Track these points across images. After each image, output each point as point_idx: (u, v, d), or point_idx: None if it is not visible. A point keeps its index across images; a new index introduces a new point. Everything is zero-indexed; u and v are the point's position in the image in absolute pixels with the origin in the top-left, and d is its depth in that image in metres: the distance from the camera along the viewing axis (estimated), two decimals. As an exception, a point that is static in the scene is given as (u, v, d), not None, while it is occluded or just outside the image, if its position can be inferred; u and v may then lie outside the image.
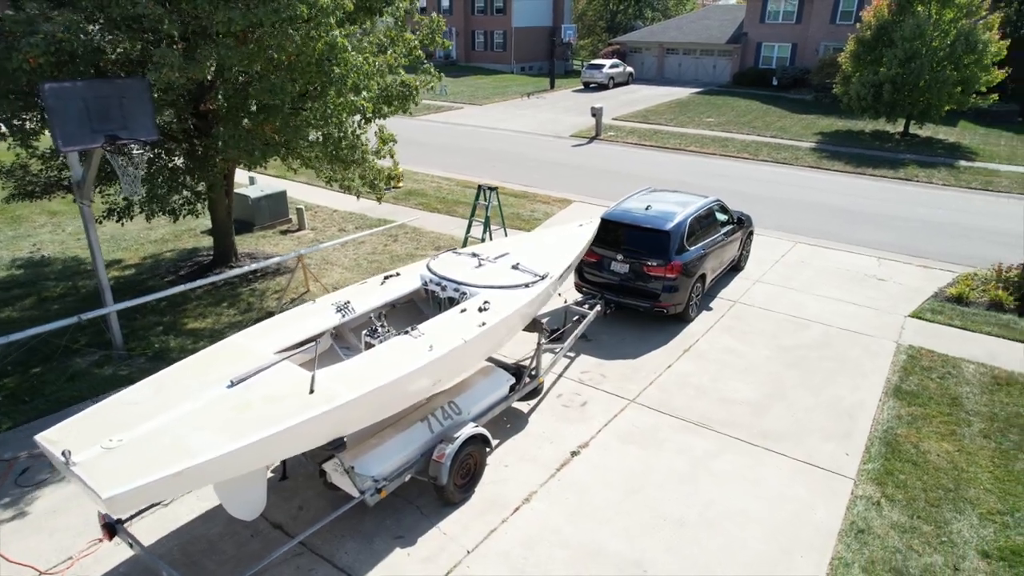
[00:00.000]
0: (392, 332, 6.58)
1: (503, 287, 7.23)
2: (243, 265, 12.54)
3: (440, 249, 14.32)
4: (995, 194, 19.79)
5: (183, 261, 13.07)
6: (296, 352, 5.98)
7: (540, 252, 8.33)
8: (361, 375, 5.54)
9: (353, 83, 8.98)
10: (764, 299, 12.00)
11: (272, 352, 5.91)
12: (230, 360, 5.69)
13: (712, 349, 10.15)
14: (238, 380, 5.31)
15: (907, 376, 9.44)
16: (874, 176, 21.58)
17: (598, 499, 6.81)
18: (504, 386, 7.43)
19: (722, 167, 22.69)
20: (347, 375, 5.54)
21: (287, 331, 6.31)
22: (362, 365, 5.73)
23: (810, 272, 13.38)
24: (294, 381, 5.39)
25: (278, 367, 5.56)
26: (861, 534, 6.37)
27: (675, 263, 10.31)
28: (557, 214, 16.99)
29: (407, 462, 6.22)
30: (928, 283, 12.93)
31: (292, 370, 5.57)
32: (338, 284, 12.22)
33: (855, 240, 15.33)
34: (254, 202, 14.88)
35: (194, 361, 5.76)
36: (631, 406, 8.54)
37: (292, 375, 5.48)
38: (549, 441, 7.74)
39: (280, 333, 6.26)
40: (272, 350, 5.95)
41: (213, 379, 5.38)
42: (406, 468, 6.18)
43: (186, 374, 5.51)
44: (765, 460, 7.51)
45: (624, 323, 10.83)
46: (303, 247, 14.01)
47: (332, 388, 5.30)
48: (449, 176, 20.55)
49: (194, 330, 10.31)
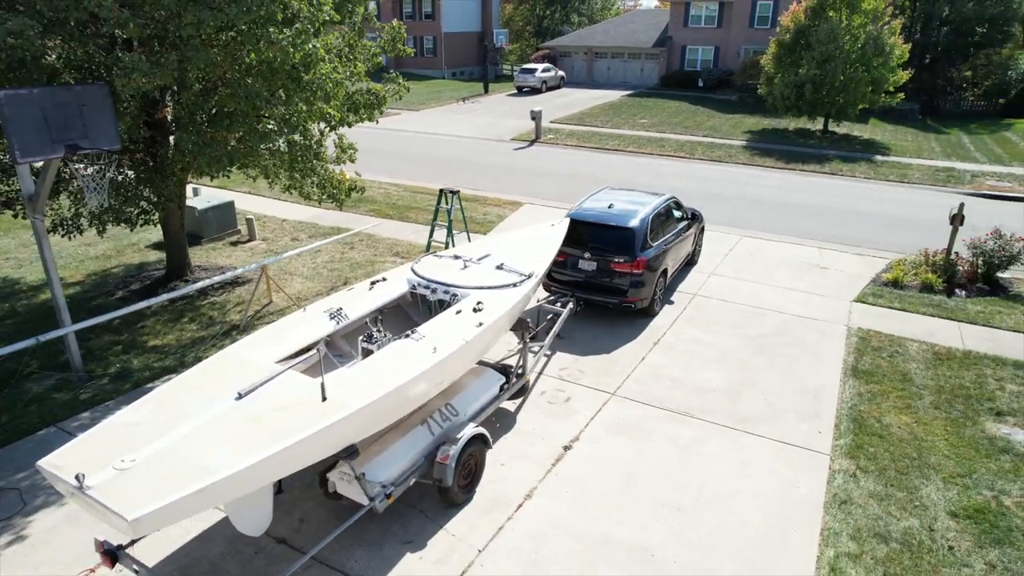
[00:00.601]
0: (389, 337, 6.54)
1: (493, 287, 7.30)
2: (201, 278, 12.11)
3: (399, 255, 14.23)
4: (910, 186, 21.25)
5: (132, 276, 12.48)
6: (296, 361, 5.87)
7: (520, 252, 8.44)
8: (369, 380, 5.50)
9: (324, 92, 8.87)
10: (721, 291, 12.50)
11: (272, 362, 5.79)
12: (230, 373, 5.53)
13: (680, 341, 10.52)
14: (246, 392, 5.17)
15: (861, 357, 10.05)
16: (804, 171, 22.76)
17: (597, 490, 6.97)
18: (495, 386, 7.50)
19: (661, 166, 23.42)
20: (355, 381, 5.49)
21: (282, 340, 6.18)
22: (368, 370, 5.68)
23: (759, 264, 14.02)
24: (303, 390, 5.30)
25: (284, 376, 5.45)
26: (844, 505, 6.78)
27: (640, 259, 10.63)
28: (510, 216, 17.15)
29: (412, 466, 6.21)
30: (866, 269, 13.79)
31: (299, 379, 5.47)
32: (300, 294, 11.97)
33: (795, 232, 16.15)
34: (201, 214, 14.36)
35: (191, 376, 5.56)
36: (613, 399, 8.76)
37: (300, 384, 5.39)
38: (540, 438, 7.86)
39: (275, 343, 6.12)
40: (271, 360, 5.82)
41: (217, 393, 5.22)
42: (411, 472, 6.16)
43: (186, 390, 5.32)
44: (747, 443, 7.87)
45: (594, 319, 11.07)
46: (258, 257, 13.64)
47: (343, 395, 5.24)
48: (397, 182, 20.39)
49: (156, 347, 9.89)
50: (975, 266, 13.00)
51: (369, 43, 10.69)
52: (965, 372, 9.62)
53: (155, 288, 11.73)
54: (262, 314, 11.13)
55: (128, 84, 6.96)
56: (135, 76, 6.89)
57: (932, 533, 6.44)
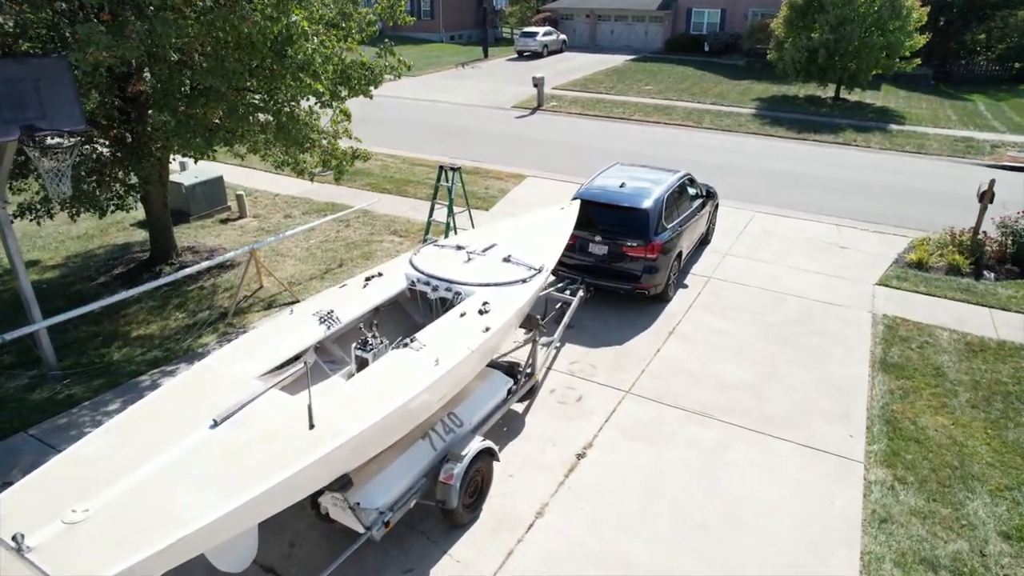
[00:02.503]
0: (385, 343, 5.90)
1: (500, 284, 6.62)
2: (186, 261, 11.42)
3: (396, 233, 13.53)
4: (927, 157, 20.41)
5: (115, 259, 11.77)
6: (282, 378, 5.20)
7: (528, 241, 7.74)
8: (363, 401, 4.86)
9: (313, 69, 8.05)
10: (737, 273, 11.84)
11: (253, 377, 5.14)
12: (205, 391, 4.88)
13: (697, 330, 9.89)
14: (222, 418, 4.53)
15: (889, 348, 9.45)
16: (816, 141, 21.89)
17: (614, 505, 6.41)
18: (502, 389, 6.88)
19: (668, 136, 22.52)
20: (346, 403, 4.85)
21: (266, 350, 5.51)
22: (362, 387, 5.04)
23: (775, 243, 13.34)
24: (288, 414, 4.66)
25: (266, 398, 4.80)
26: (884, 523, 6.22)
27: (655, 243, 9.94)
28: (513, 190, 16.37)
29: (412, 486, 5.61)
30: (887, 248, 13.11)
31: (282, 400, 4.82)
32: (293, 277, 11.29)
33: (810, 207, 15.42)
34: (188, 190, 13.59)
35: (161, 397, 4.88)
36: (628, 398, 8.16)
37: (284, 406, 4.75)
38: (551, 443, 7.28)
39: (258, 353, 5.45)
40: (253, 374, 5.16)
41: (190, 419, 4.57)
42: (411, 493, 5.58)
43: (154, 415, 4.66)
44: (774, 448, 7.29)
45: (604, 306, 10.43)
46: (249, 237, 12.92)
47: (334, 419, 4.61)
48: (395, 153, 19.52)
49: (140, 339, 9.25)
50: (1004, 246, 12.34)
51: (365, 10, 9.80)
52: (1001, 365, 9.02)
53: (139, 273, 11.05)
54: (252, 301, 10.47)
55: (84, 58, 6.16)
56: (92, 50, 6.09)
57: (984, 559, 5.89)
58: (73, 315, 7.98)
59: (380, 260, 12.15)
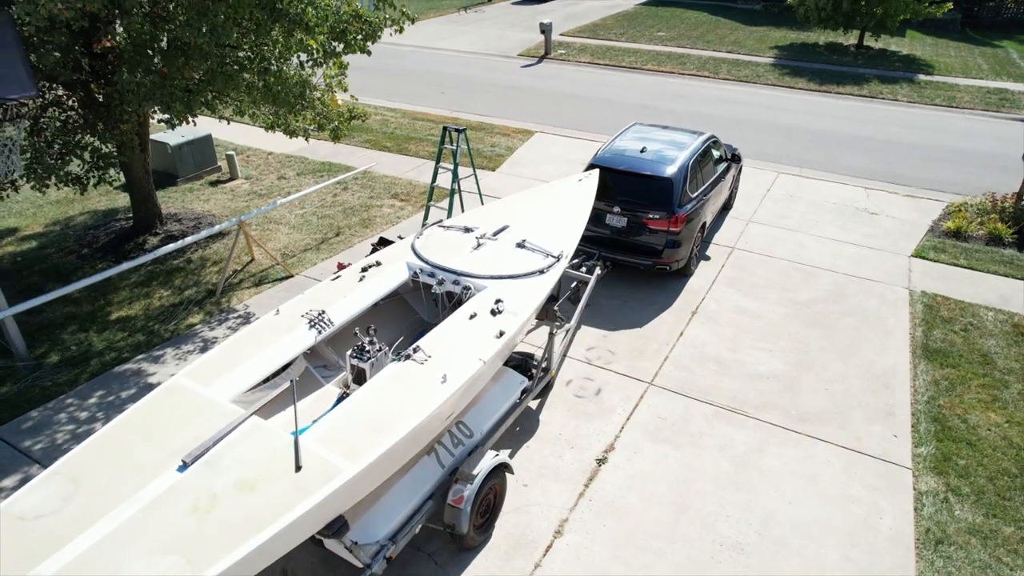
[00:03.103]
0: (384, 350, 5.19)
1: (514, 276, 5.85)
2: (172, 230, 10.62)
3: (398, 197, 12.67)
4: (959, 112, 19.25)
5: (97, 228, 10.97)
6: (264, 400, 4.47)
7: (544, 221, 6.93)
8: (360, 430, 4.16)
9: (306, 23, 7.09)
10: (762, 243, 11.04)
11: (231, 398, 4.43)
12: (172, 419, 4.16)
13: (722, 309, 9.16)
14: (192, 458, 3.84)
15: (930, 331, 8.73)
16: (840, 94, 20.68)
17: (640, 522, 5.80)
18: (516, 390, 6.20)
19: (682, 87, 21.29)
20: (338, 433, 4.14)
21: (246, 362, 4.76)
22: (357, 412, 4.33)
23: (801, 208, 12.48)
24: (271, 450, 3.96)
25: (244, 429, 4.10)
26: (940, 545, 5.62)
27: (679, 214, 9.11)
28: (520, 148, 15.40)
29: (417, 510, 4.99)
30: (920, 215, 12.26)
31: (264, 433, 4.11)
32: (286, 248, 10.51)
33: (836, 167, 14.47)
34: (174, 150, 12.67)
35: (121, 428, 4.14)
36: (651, 390, 7.50)
37: (266, 440, 4.04)
38: (569, 445, 6.64)
39: (237, 366, 4.71)
40: (230, 394, 4.46)
41: (154, 458, 3.87)
42: (416, 518, 4.95)
43: (112, 452, 3.94)
44: (813, 451, 6.66)
45: (620, 281, 9.68)
46: (239, 202, 12.09)
47: (324, 456, 3.93)
48: (395, 107, 18.43)
49: (121, 320, 8.55)
50: (1050, 214, 11.49)
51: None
52: (1054, 352, 8.32)
53: (121, 244, 10.27)
54: (242, 276, 9.72)
55: (36, 11, 5.25)
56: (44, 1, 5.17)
57: (1056, 589, 5.31)
58: (41, 302, 7.26)
59: (380, 228, 11.35)
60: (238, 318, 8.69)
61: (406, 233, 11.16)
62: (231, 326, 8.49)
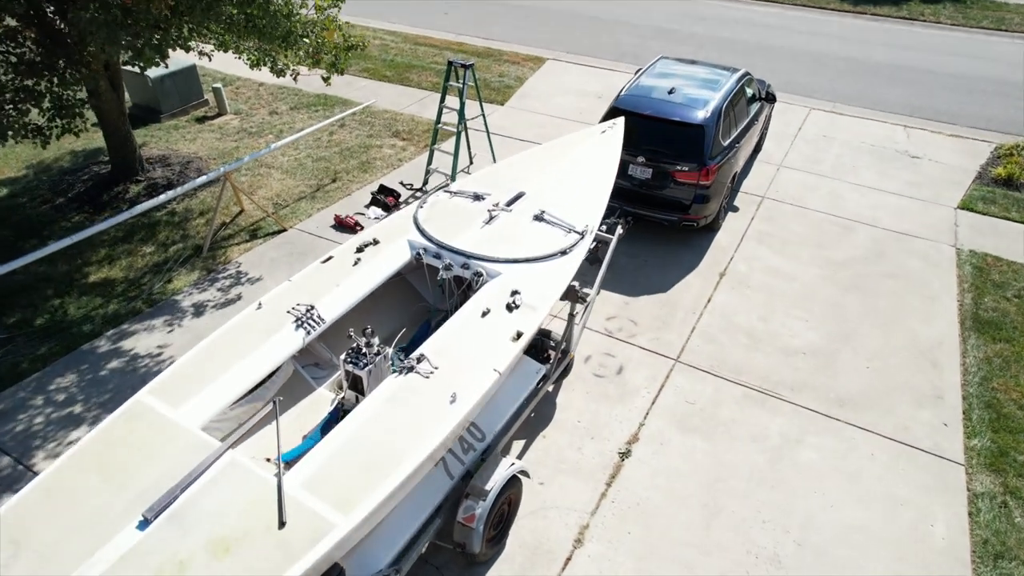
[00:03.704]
0: (383, 353, 4.53)
1: (533, 260, 5.09)
2: (155, 177, 9.79)
3: (399, 135, 11.71)
4: (1010, 36, 17.75)
5: (74, 173, 10.12)
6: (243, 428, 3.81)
7: (564, 186, 6.09)
8: (354, 469, 3.52)
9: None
10: (794, 191, 10.17)
11: (204, 422, 3.79)
12: (135, 452, 3.53)
13: (752, 270, 8.43)
14: (155, 513, 3.24)
15: (980, 297, 8.02)
16: (876, 16, 19.08)
17: (668, 529, 5.30)
18: (534, 379, 5.57)
19: (704, 8, 19.64)
20: (331, 472, 3.49)
21: (222, 375, 4.08)
22: (351, 445, 3.66)
23: (836, 150, 11.50)
24: (249, 498, 3.34)
25: (218, 468, 3.48)
26: (1000, 560, 5.12)
27: (711, 167, 8.23)
28: (531, 79, 14.22)
29: (422, 527, 4.46)
30: (967, 159, 11.29)
31: (241, 473, 3.48)
32: (278, 197, 9.69)
33: (873, 102, 13.33)
34: (156, 83, 11.61)
35: (75, 467, 3.49)
36: (677, 368, 6.88)
37: (243, 484, 3.42)
38: (589, 435, 6.08)
39: (212, 380, 4.03)
40: (204, 416, 3.81)
41: (112, 507, 3.25)
42: (422, 539, 4.43)
43: (62, 501, 3.33)
44: (855, 443, 6.09)
45: (641, 237, 8.90)
46: (228, 141, 11.16)
47: (313, 508, 3.32)
48: (393, 29, 17.04)
49: (100, 284, 7.87)
50: (1111, 160, 10.52)
51: None
52: (1117, 324, 7.63)
53: (100, 193, 9.47)
54: (231, 230, 8.97)
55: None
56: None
57: None
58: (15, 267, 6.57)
59: (380, 173, 10.48)
60: (228, 279, 8.00)
61: (408, 178, 10.30)
62: (221, 289, 7.82)
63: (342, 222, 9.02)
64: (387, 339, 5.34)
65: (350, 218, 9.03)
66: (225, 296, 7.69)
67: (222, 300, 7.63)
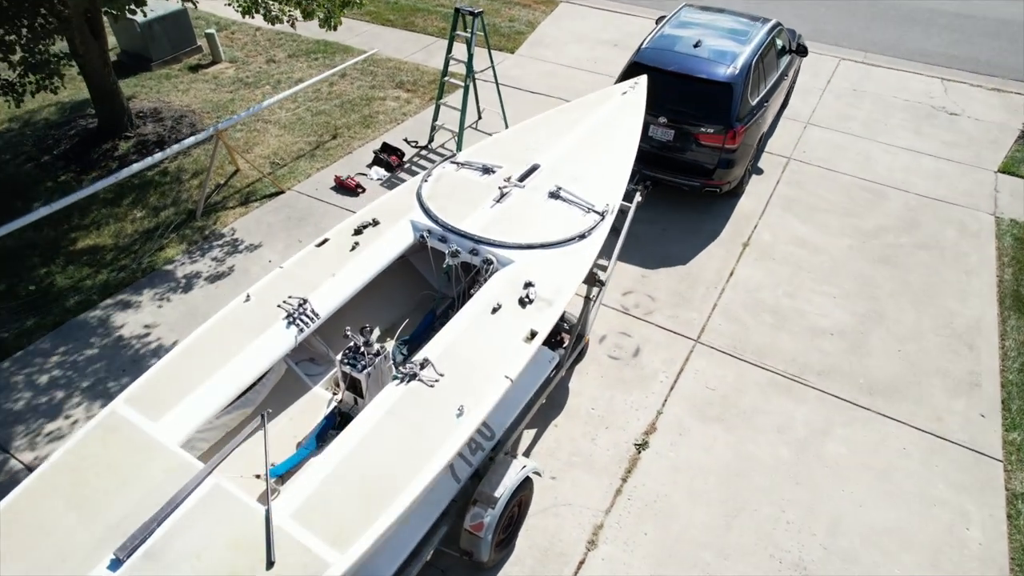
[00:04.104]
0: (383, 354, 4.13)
1: (548, 245, 4.63)
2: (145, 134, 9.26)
3: (403, 86, 11.06)
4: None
5: (60, 127, 9.59)
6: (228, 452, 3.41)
7: (583, 156, 5.56)
8: (350, 496, 3.15)
9: None
10: (823, 152, 9.56)
11: (185, 437, 3.43)
12: (109, 474, 3.17)
13: (778, 240, 7.94)
14: (127, 551, 2.91)
15: (1021, 273, 7.53)
16: (913, -47, 17.79)
17: (688, 529, 5.01)
18: (546, 368, 5.21)
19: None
20: (325, 501, 3.13)
21: (206, 381, 3.69)
22: (347, 468, 3.28)
23: (867, 106, 10.79)
24: (234, 532, 2.99)
25: (201, 496, 3.13)
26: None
27: (738, 129, 7.64)
28: (543, 23, 13.38)
29: (427, 535, 4.17)
30: (1009, 115, 10.58)
31: (225, 502, 3.13)
32: (275, 155, 9.17)
33: (908, 52, 12.47)
34: (145, 29, 10.91)
35: (37, 492, 3.13)
36: (697, 350, 6.50)
37: (228, 515, 3.06)
38: (603, 424, 5.75)
39: (195, 388, 3.64)
40: (186, 430, 3.45)
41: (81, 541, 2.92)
42: (427, 548, 4.15)
43: (28, 530, 2.98)
44: (886, 434, 5.74)
45: (659, 202, 8.40)
46: (223, 93, 10.56)
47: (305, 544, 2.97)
48: (397, -33, 16.01)
49: (89, 251, 7.47)
50: None
51: None
52: None
53: (87, 150, 8.96)
54: (226, 192, 8.50)
55: None
56: None
57: None
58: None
59: (383, 128, 9.91)
60: (223, 248, 7.59)
61: (412, 135, 9.73)
62: (216, 259, 7.41)
63: (343, 183, 8.52)
64: (388, 330, 4.97)
65: (351, 179, 8.53)
66: (220, 267, 7.29)
67: (217, 271, 7.24)
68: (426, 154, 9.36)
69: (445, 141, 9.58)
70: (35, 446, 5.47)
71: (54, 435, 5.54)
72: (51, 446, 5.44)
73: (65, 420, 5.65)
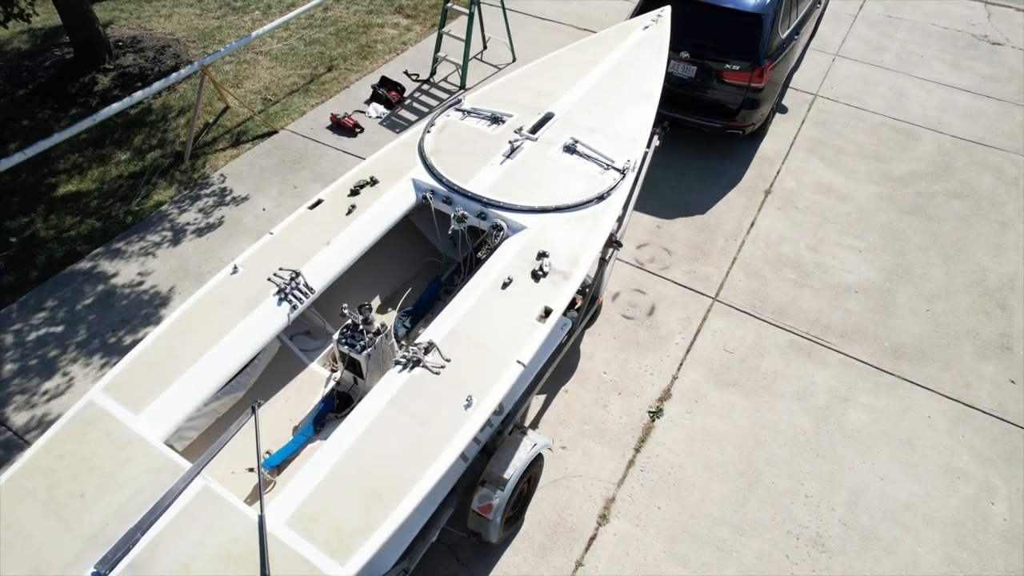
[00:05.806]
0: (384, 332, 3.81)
1: (564, 208, 4.22)
2: (126, 65, 8.66)
3: (402, 11, 10.31)
4: None
5: (35, 58, 8.96)
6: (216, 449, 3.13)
7: (600, 102, 5.05)
8: (351, 496, 2.91)
9: None
10: (851, 88, 8.95)
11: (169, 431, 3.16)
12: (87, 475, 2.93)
13: (802, 187, 7.49)
14: (109, 565, 2.68)
15: (1059, 224, 7.12)
16: None
17: (703, 504, 4.83)
18: (559, 335, 4.90)
19: None
20: (323, 502, 2.89)
21: (191, 367, 3.37)
22: (346, 464, 3.02)
23: (902, 34, 10.06)
24: (224, 541, 2.74)
25: (189, 500, 2.87)
26: (1068, 548, 4.66)
27: (765, 66, 7.05)
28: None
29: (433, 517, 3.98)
30: (1053, 48, 9.87)
31: (216, 508, 2.88)
32: (267, 90, 8.59)
33: (951, -25, 11.56)
34: (118, -55, 10.07)
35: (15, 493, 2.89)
36: (715, 309, 6.18)
37: (218, 522, 2.82)
38: (616, 390, 5.50)
39: (179, 375, 3.33)
40: (170, 423, 3.18)
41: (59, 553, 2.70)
42: (433, 530, 3.97)
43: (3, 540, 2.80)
44: (911, 402, 5.49)
45: (677, 144, 7.92)
46: (208, 19, 9.84)
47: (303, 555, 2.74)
48: None
49: (70, 198, 7.06)
50: None
51: None
52: None
53: (65, 84, 8.39)
54: (215, 131, 7.98)
55: None
56: None
57: None
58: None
59: (381, 59, 9.26)
60: (213, 195, 7.16)
61: (413, 67, 9.09)
62: (204, 210, 7.00)
63: (339, 122, 7.99)
64: (390, 299, 4.63)
65: (348, 118, 8.00)
66: (210, 217, 6.89)
67: (207, 222, 6.84)
68: (428, 88, 8.77)
69: (448, 74, 8.96)
70: (31, 406, 5.26)
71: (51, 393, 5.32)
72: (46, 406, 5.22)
73: (51, 390, 5.42)
